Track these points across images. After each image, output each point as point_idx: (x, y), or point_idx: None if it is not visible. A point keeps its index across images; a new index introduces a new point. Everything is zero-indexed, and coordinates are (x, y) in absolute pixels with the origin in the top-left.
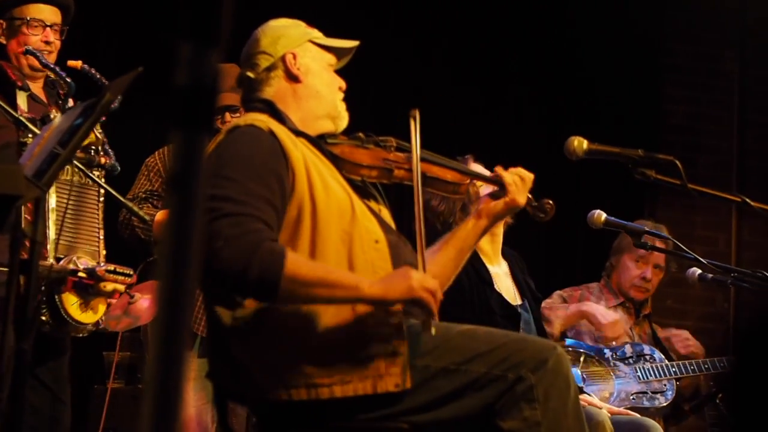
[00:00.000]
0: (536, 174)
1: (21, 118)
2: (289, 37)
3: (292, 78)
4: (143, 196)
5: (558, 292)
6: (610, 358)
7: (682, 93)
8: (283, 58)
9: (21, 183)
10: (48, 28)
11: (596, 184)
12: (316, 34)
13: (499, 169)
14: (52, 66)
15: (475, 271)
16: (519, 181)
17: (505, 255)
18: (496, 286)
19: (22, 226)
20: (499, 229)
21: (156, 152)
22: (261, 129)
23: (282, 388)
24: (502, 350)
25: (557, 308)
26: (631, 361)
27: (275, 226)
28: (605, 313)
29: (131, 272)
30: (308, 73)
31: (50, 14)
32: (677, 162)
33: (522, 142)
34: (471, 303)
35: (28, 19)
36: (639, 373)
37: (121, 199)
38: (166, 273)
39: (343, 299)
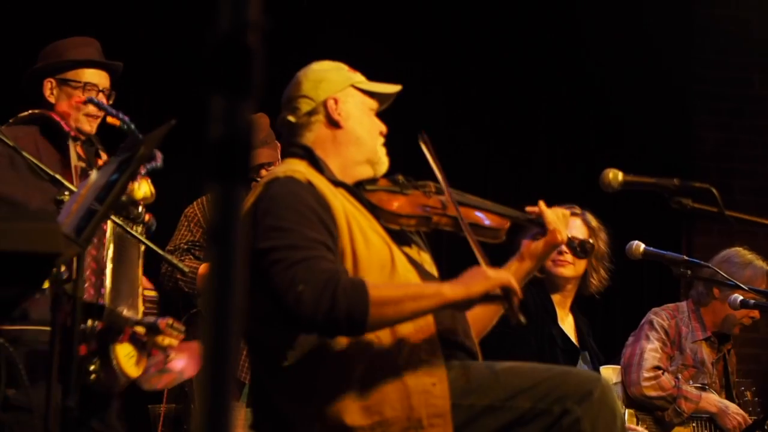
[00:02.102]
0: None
1: (56, 176)
2: (331, 82)
3: (333, 124)
4: (185, 247)
5: (657, 321)
6: None
7: (713, 119)
8: (324, 103)
9: (60, 241)
10: (101, 93)
11: (633, 214)
12: (359, 78)
13: (541, 206)
14: (114, 112)
15: (540, 301)
16: (558, 218)
17: (574, 314)
18: (559, 322)
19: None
20: (570, 287)
21: (195, 202)
22: (300, 181)
23: None
24: (546, 384)
25: (690, 395)
26: None
27: None
28: (733, 414)
29: (183, 328)
30: (349, 119)
31: (103, 79)
32: (713, 189)
33: (557, 175)
34: (535, 329)
35: (85, 83)
36: (694, 423)
37: (161, 252)
38: (210, 324)
39: (430, 308)
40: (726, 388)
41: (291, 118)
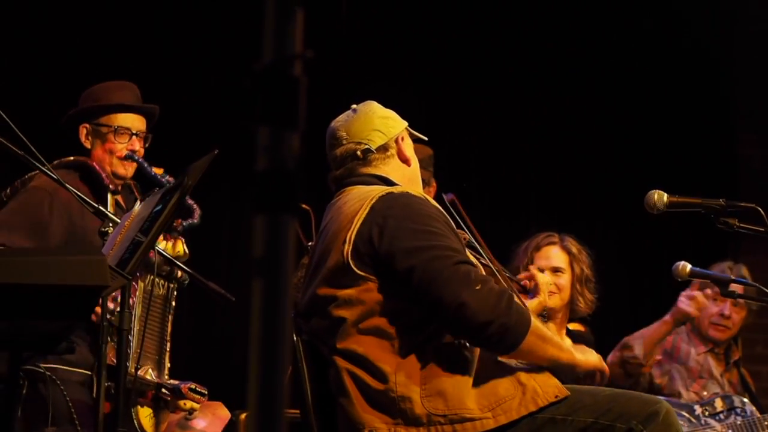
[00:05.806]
0: (618, 228)
1: (100, 207)
2: (395, 120)
3: (404, 160)
4: None
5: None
6: (701, 416)
7: (758, 137)
8: (396, 140)
9: (106, 273)
10: (134, 137)
11: (678, 234)
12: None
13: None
14: (153, 174)
15: None
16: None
17: (570, 336)
18: None
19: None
20: (561, 314)
21: None
22: (419, 195)
23: None
24: (607, 401)
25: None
26: (722, 416)
27: None
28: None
29: (206, 392)
30: (412, 158)
31: (137, 122)
32: (759, 209)
33: (601, 196)
34: None
35: (116, 127)
36: (731, 431)
37: (211, 285)
38: (258, 360)
39: (562, 363)
40: (753, 402)
41: (362, 149)
